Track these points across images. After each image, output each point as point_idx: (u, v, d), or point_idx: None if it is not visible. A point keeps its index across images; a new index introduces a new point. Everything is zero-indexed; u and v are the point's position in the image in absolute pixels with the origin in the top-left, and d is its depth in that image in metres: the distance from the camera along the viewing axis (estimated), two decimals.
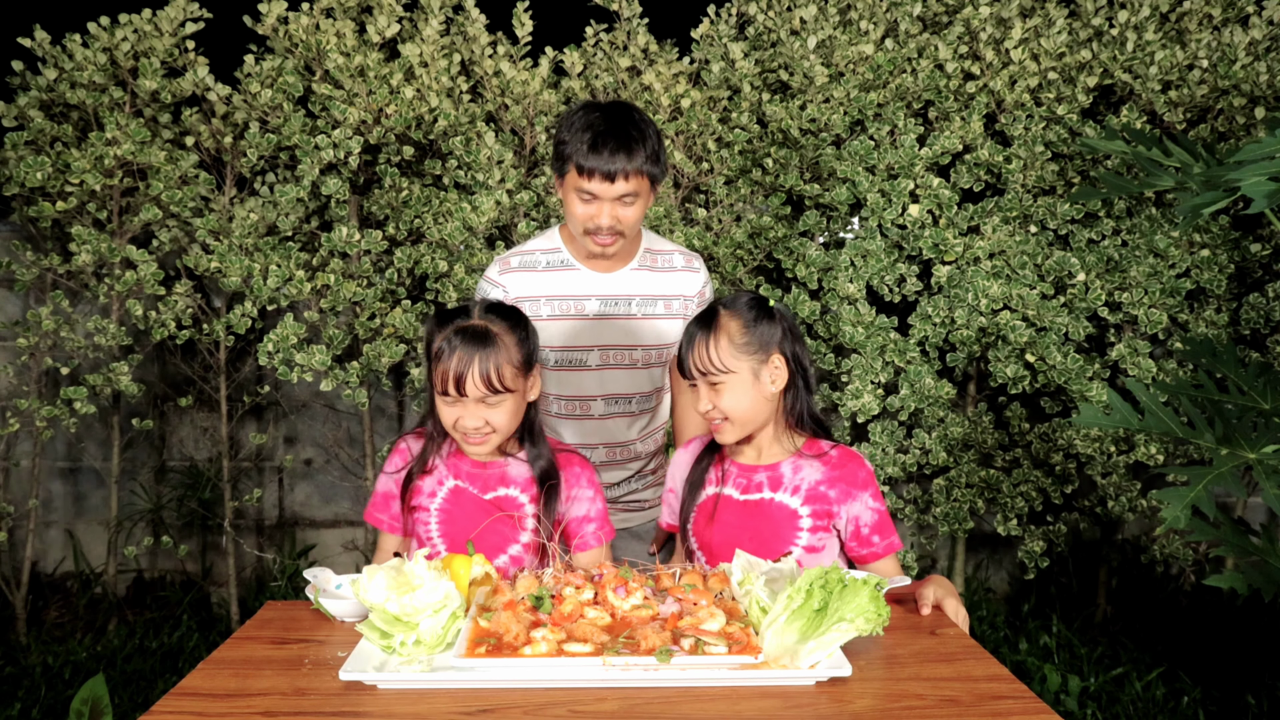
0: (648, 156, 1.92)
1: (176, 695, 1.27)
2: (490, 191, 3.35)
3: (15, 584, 3.53)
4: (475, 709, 1.22)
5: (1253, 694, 3.03)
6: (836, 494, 1.77)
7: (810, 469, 1.79)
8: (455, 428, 1.73)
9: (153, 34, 3.33)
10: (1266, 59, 3.30)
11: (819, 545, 1.78)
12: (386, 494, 1.87)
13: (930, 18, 3.60)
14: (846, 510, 1.77)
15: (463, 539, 1.77)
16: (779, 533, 1.77)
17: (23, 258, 3.40)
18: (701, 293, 2.17)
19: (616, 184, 1.91)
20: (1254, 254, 3.34)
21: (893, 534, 1.79)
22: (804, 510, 1.77)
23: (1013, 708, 1.24)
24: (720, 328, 1.73)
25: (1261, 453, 2.03)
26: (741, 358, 1.73)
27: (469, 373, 1.68)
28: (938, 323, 3.42)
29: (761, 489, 1.79)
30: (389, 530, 1.87)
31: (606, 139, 1.90)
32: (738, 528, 1.78)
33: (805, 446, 1.82)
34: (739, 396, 1.73)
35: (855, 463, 1.80)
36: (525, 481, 1.82)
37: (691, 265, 2.16)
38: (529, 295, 2.07)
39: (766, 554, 1.71)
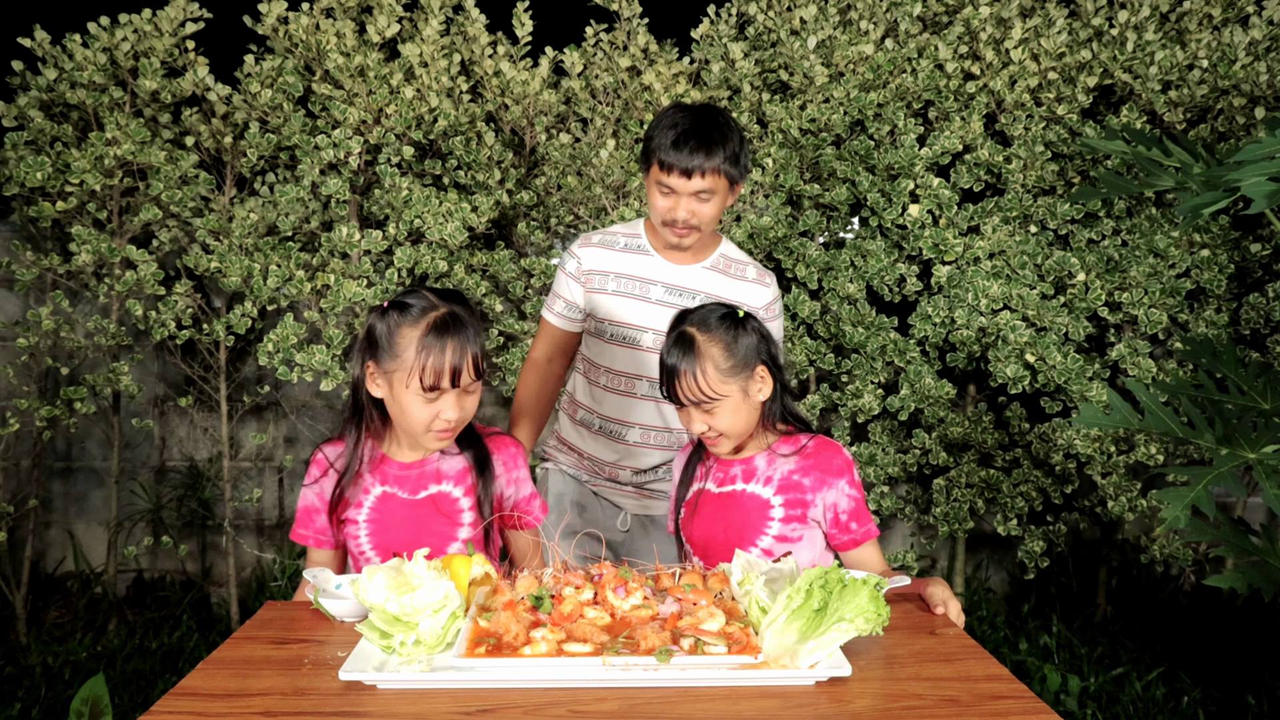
0: (726, 158, 2.00)
1: (176, 695, 1.27)
2: (490, 191, 3.35)
3: (15, 584, 3.53)
4: (475, 709, 1.22)
5: (1253, 694, 3.03)
6: (811, 482, 1.77)
7: (785, 460, 1.79)
8: (430, 426, 1.66)
9: (153, 34, 3.33)
10: (1266, 59, 3.30)
11: (793, 536, 1.78)
12: (309, 509, 1.77)
13: (930, 18, 3.60)
14: (823, 498, 1.77)
15: (396, 547, 1.71)
16: (750, 523, 1.78)
17: (23, 258, 3.40)
18: (772, 308, 2.19)
19: (694, 180, 2.00)
20: (1254, 254, 3.34)
21: (869, 520, 1.79)
22: (776, 500, 1.78)
23: (1013, 708, 1.24)
24: (703, 355, 1.72)
25: (1261, 453, 2.03)
26: (730, 381, 1.73)
27: (464, 363, 1.63)
28: (938, 323, 3.42)
29: (735, 481, 1.81)
30: (317, 545, 1.78)
31: (688, 138, 1.99)
32: (714, 520, 1.81)
33: (782, 439, 1.82)
34: (734, 417, 1.75)
35: (830, 451, 1.79)
36: (458, 474, 1.76)
37: (763, 280, 2.20)
38: (599, 269, 2.17)
39: (740, 544, 1.77)
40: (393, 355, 1.63)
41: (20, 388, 3.54)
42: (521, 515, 1.82)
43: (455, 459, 1.77)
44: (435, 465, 1.76)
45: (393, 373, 1.64)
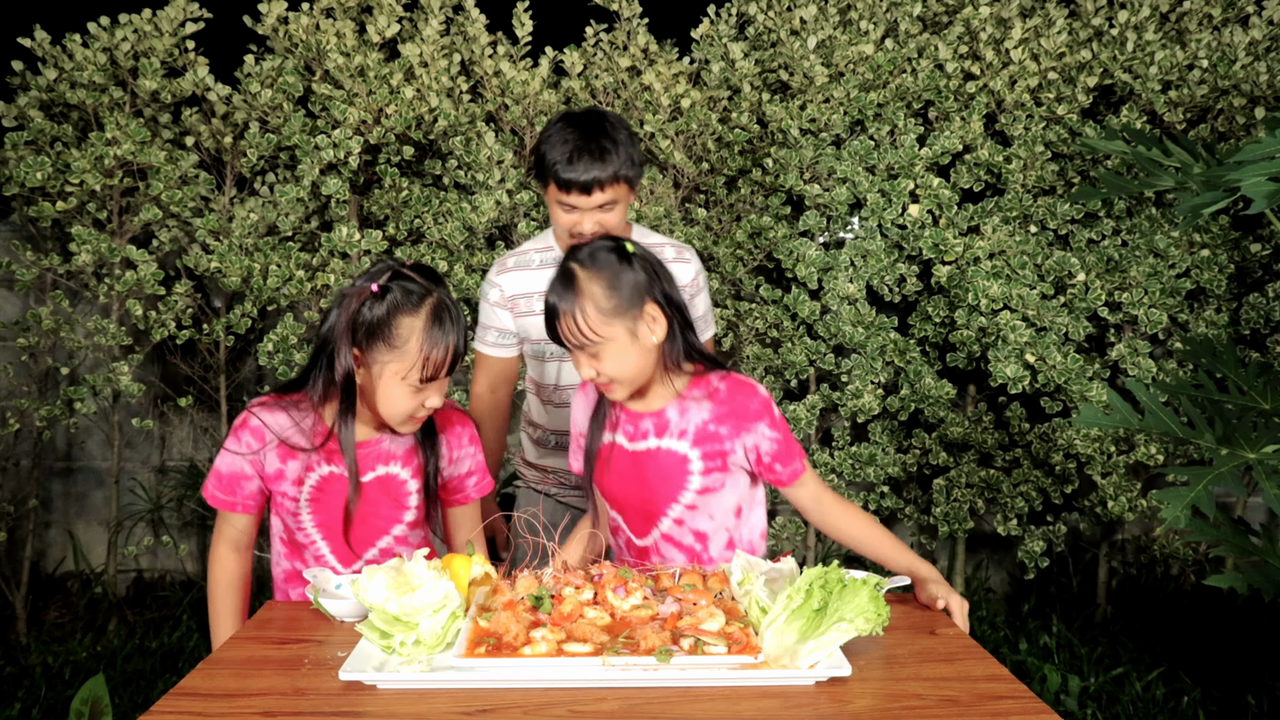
0: (622, 163, 1.97)
1: (176, 695, 1.27)
2: (490, 191, 3.35)
3: (15, 584, 3.53)
4: (475, 709, 1.22)
5: (1253, 694, 3.03)
6: (728, 430, 1.68)
7: (698, 409, 1.69)
8: (412, 414, 1.61)
9: (153, 34, 3.33)
10: (1266, 59, 3.30)
11: (715, 486, 1.71)
12: (237, 474, 1.66)
13: (930, 18, 3.60)
14: (741, 444, 1.69)
15: (340, 527, 1.68)
16: (669, 480, 1.71)
17: (23, 258, 3.40)
18: (695, 281, 2.18)
19: (594, 195, 1.96)
20: (1254, 254, 3.34)
21: (795, 459, 1.69)
22: (694, 454, 1.69)
23: (1012, 708, 1.24)
24: (582, 293, 1.59)
25: (1261, 453, 2.03)
26: (613, 321, 1.60)
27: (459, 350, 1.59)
28: (938, 323, 3.42)
29: (648, 436, 1.71)
30: (243, 511, 1.68)
31: (580, 154, 1.94)
32: (630, 478, 1.73)
33: (692, 384, 1.71)
34: (621, 360, 1.62)
35: (745, 393, 1.68)
36: (405, 454, 1.71)
37: (682, 256, 2.18)
38: (523, 292, 2.13)
39: (660, 503, 1.72)
40: (391, 346, 1.57)
41: (20, 388, 3.54)
42: (454, 491, 1.79)
43: (403, 439, 1.71)
44: (383, 446, 1.69)
45: (388, 363, 1.58)
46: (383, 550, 1.72)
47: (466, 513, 1.83)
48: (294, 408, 1.66)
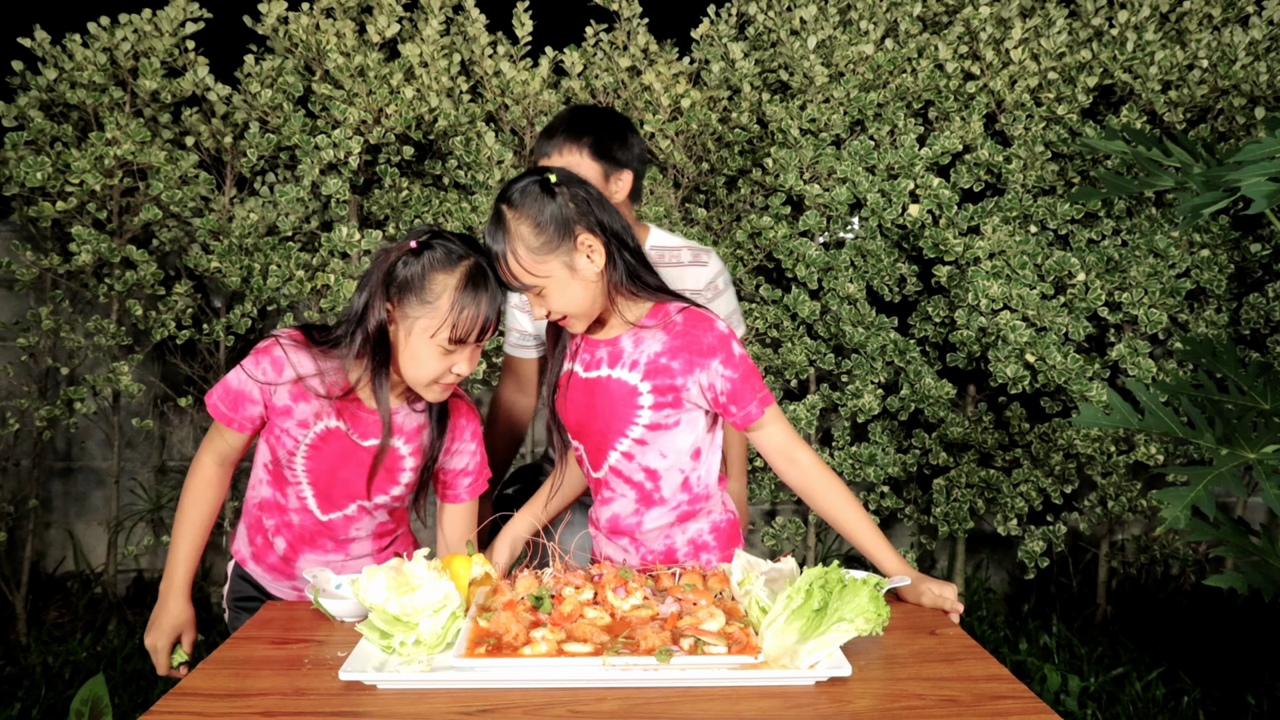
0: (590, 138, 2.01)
1: (176, 695, 1.27)
2: (490, 191, 3.35)
3: (15, 584, 3.53)
4: (475, 709, 1.22)
5: (1253, 694, 3.03)
6: (680, 365, 1.63)
7: (652, 340, 1.65)
8: (439, 378, 1.59)
9: (153, 34, 3.33)
10: (1266, 59, 3.30)
11: (667, 422, 1.66)
12: (244, 395, 1.65)
13: (930, 18, 3.60)
14: (695, 381, 1.64)
15: (329, 481, 1.69)
16: (618, 411, 1.66)
17: (23, 258, 3.40)
18: (714, 284, 2.17)
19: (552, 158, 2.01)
20: (1254, 254, 3.34)
21: (751, 400, 1.63)
22: (644, 386, 1.64)
23: (1013, 708, 1.24)
24: (511, 234, 1.56)
25: (1261, 453, 2.03)
26: (547, 259, 1.57)
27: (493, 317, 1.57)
28: (938, 323, 3.42)
29: (601, 365, 1.67)
30: (237, 429, 1.67)
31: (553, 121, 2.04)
32: (584, 406, 1.70)
33: (650, 313, 1.66)
34: (566, 295, 1.60)
35: (701, 327, 1.63)
36: (411, 431, 1.71)
37: (699, 259, 2.18)
38: None
39: (612, 434, 1.68)
40: (423, 301, 1.55)
41: (20, 388, 3.54)
42: (448, 486, 1.79)
43: (415, 416, 1.71)
44: (396, 419, 1.69)
45: (418, 319, 1.56)
46: (361, 508, 1.74)
47: (458, 512, 1.82)
48: (321, 355, 1.64)
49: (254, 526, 1.80)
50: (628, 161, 2.09)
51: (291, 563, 1.78)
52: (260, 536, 1.79)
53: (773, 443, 1.67)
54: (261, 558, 1.80)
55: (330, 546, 1.78)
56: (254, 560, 1.81)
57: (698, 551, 1.75)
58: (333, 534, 1.77)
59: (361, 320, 1.59)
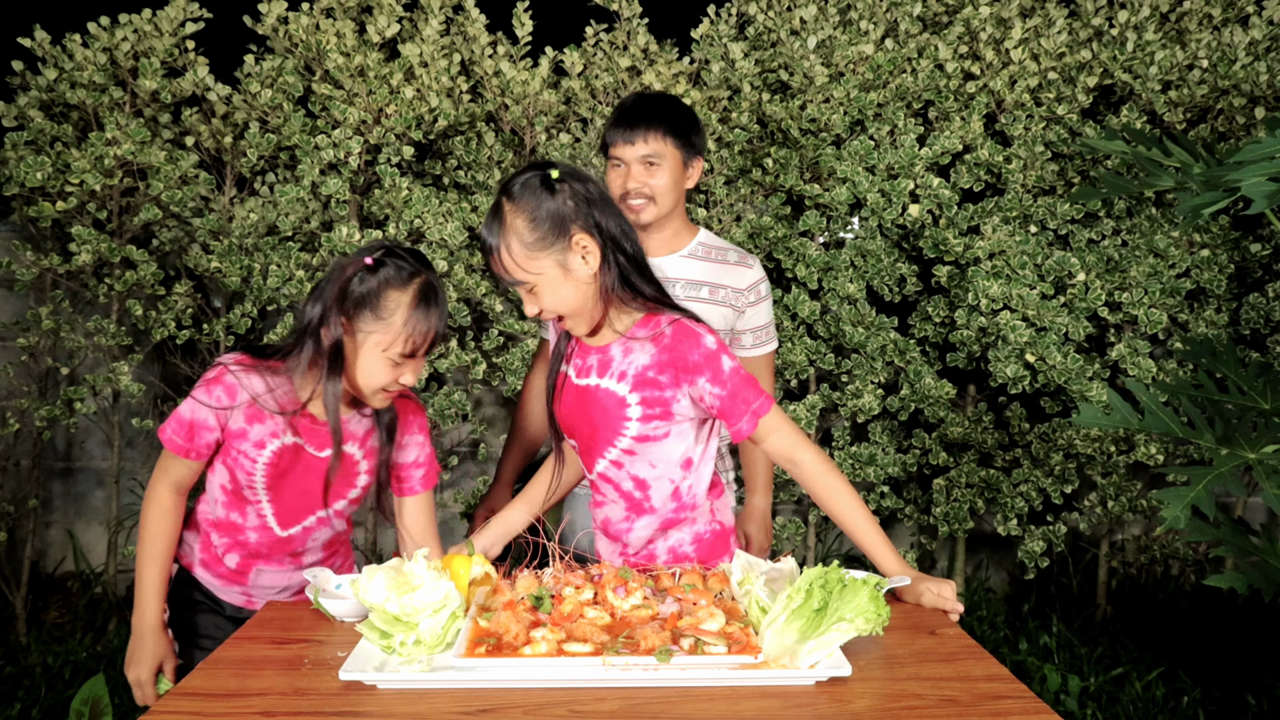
0: (669, 124, 2.06)
1: (176, 695, 1.27)
2: (490, 192, 3.35)
3: (15, 584, 3.53)
4: (475, 709, 1.22)
5: (1253, 694, 3.03)
6: (667, 379, 1.61)
7: (640, 351, 1.62)
8: (386, 387, 1.65)
9: (153, 34, 3.33)
10: (1266, 59, 3.30)
11: (656, 434, 1.64)
12: (200, 424, 1.68)
13: (930, 18, 3.60)
14: (684, 394, 1.62)
15: (291, 495, 1.74)
16: (607, 421, 1.65)
17: (23, 258, 3.40)
18: (757, 289, 2.20)
19: (637, 145, 2.05)
20: (1254, 254, 3.34)
21: (742, 416, 1.60)
22: (632, 399, 1.62)
23: (1013, 708, 1.24)
24: (507, 228, 1.55)
25: (1261, 453, 2.03)
26: (540, 255, 1.55)
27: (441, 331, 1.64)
28: (938, 323, 3.42)
29: (591, 373, 1.66)
30: (195, 459, 1.72)
31: (630, 108, 2.08)
32: (575, 411, 1.71)
33: (641, 323, 1.64)
34: (558, 294, 1.58)
35: (688, 343, 1.60)
36: (362, 436, 1.77)
37: (745, 262, 2.21)
38: None
39: (601, 441, 1.67)
40: (377, 317, 1.61)
41: (20, 388, 3.54)
42: (401, 481, 1.84)
43: (363, 420, 1.77)
44: (347, 425, 1.74)
45: (371, 334, 1.61)
46: (320, 519, 1.80)
47: (415, 504, 1.86)
48: (270, 373, 1.68)
49: (205, 541, 1.83)
50: (701, 149, 2.15)
51: (245, 574, 1.82)
52: (213, 549, 1.82)
53: (775, 449, 1.66)
54: (211, 566, 1.83)
55: (286, 560, 1.83)
56: (203, 567, 1.84)
57: (677, 560, 1.73)
58: (290, 548, 1.81)
59: (315, 333, 1.63)
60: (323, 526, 1.81)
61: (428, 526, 1.86)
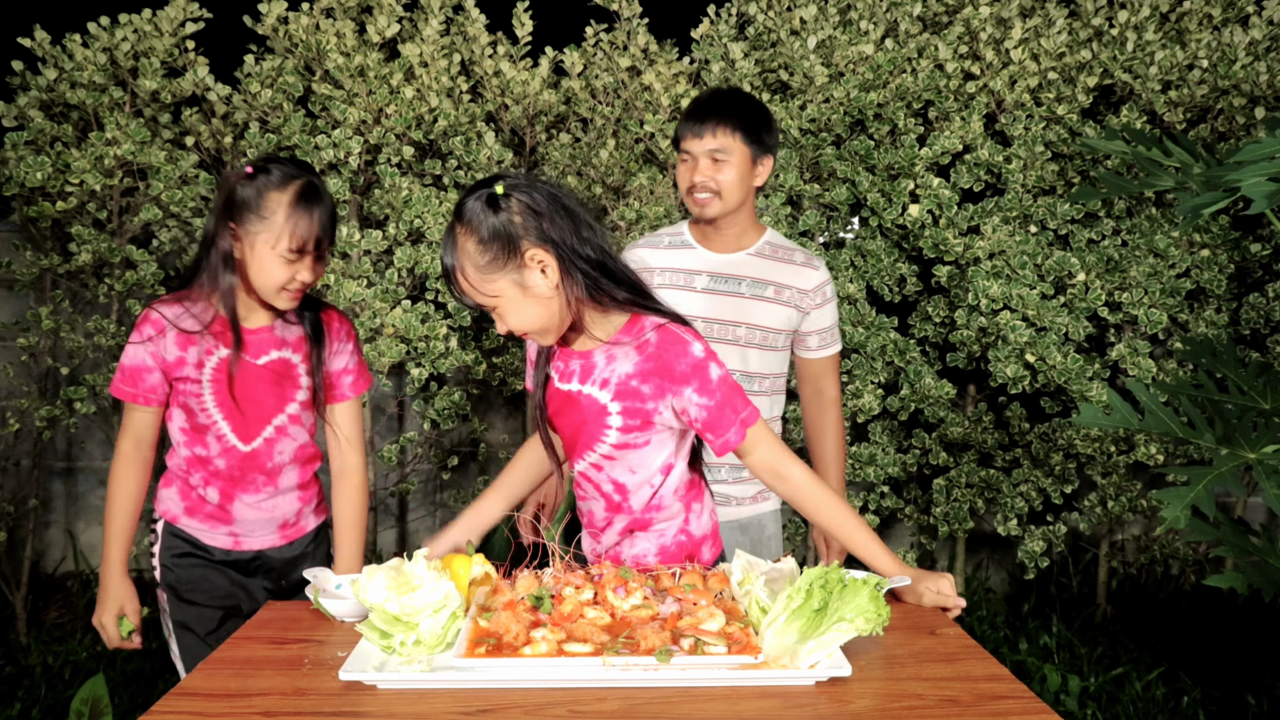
0: (739, 121, 2.07)
1: (176, 695, 1.27)
2: None
3: (15, 584, 3.53)
4: (475, 709, 1.22)
5: (1253, 694, 3.03)
6: (650, 390, 1.56)
7: (624, 359, 1.58)
8: (285, 286, 1.77)
9: (153, 34, 3.33)
10: (1266, 59, 3.30)
11: (636, 443, 1.61)
12: (139, 367, 1.83)
13: (930, 18, 3.60)
14: (666, 406, 1.57)
15: (242, 407, 1.85)
16: (588, 427, 1.63)
17: (23, 258, 3.40)
18: (823, 291, 2.21)
19: (705, 139, 2.07)
20: (1254, 254, 3.34)
21: (730, 427, 1.55)
22: (614, 407, 1.59)
23: (1013, 708, 1.24)
24: (460, 250, 1.50)
25: (1261, 453, 2.03)
26: (495, 277, 1.49)
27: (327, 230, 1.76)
28: (938, 323, 3.42)
29: (573, 379, 1.63)
30: (144, 403, 1.86)
31: (702, 103, 2.10)
32: (559, 415, 1.68)
33: (626, 328, 1.59)
34: (522, 313, 1.53)
35: (674, 352, 1.55)
36: (296, 342, 1.90)
37: (812, 264, 2.22)
38: (645, 267, 2.22)
39: (583, 446, 1.65)
40: (260, 218, 1.73)
41: (20, 388, 3.54)
42: (332, 387, 1.95)
43: (294, 327, 1.89)
44: (279, 333, 1.88)
45: (258, 234, 1.74)
46: (278, 428, 1.90)
47: (345, 409, 1.98)
48: (188, 300, 1.83)
49: (183, 486, 1.94)
50: (772, 147, 2.16)
51: (227, 509, 1.92)
52: (193, 492, 1.93)
53: (761, 464, 1.62)
54: (197, 510, 1.94)
55: (261, 481, 1.92)
56: (187, 515, 1.95)
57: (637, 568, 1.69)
58: (259, 464, 1.90)
59: (213, 245, 1.78)
60: (283, 437, 1.91)
61: (352, 433, 1.99)
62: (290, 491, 1.96)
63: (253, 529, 1.94)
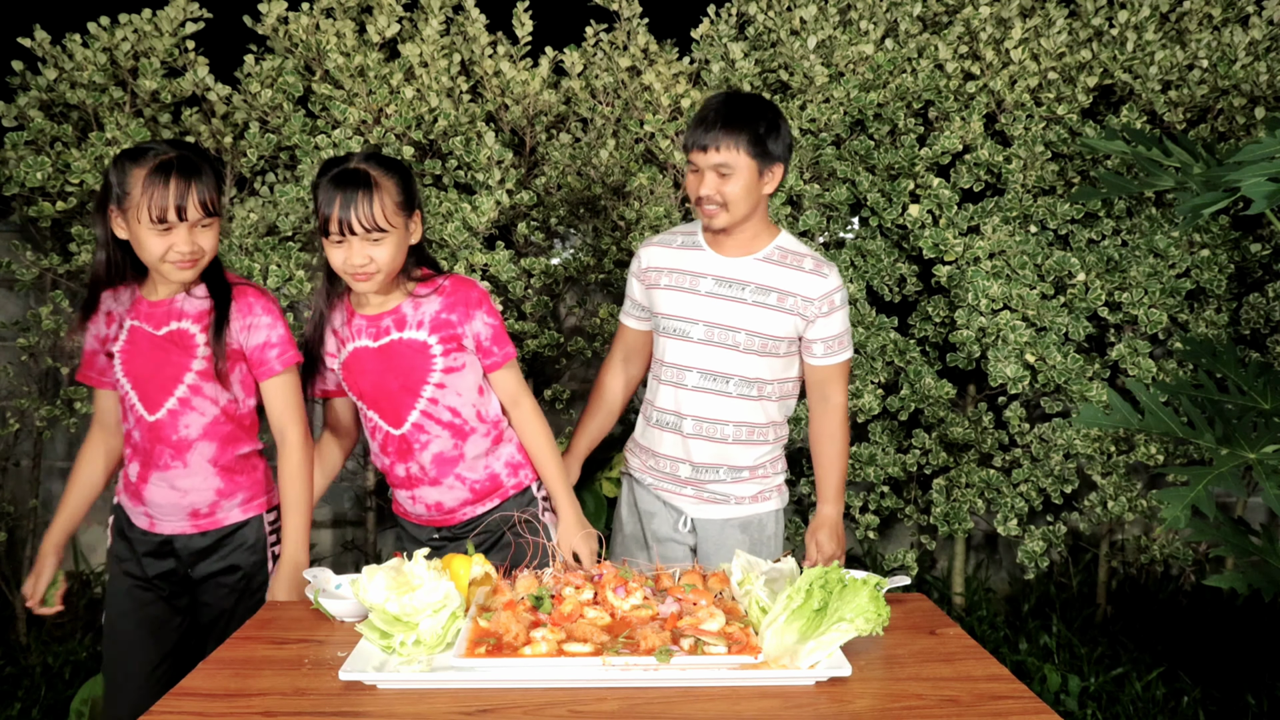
0: (745, 135, 2.08)
1: (176, 695, 1.27)
2: (490, 191, 3.35)
3: (15, 584, 3.53)
4: (475, 709, 1.22)
5: (1253, 694, 3.03)
6: (457, 317, 1.98)
7: (429, 302, 1.99)
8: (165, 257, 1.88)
9: (153, 34, 3.33)
10: (1266, 59, 3.30)
11: (456, 365, 2.01)
12: (90, 350, 2.04)
13: (930, 18, 3.60)
14: (469, 329, 1.99)
15: (144, 376, 1.98)
16: (415, 366, 1.98)
17: (23, 258, 3.40)
18: (830, 299, 2.19)
19: (709, 154, 2.08)
20: (1254, 254, 3.34)
21: (507, 344, 2.03)
22: (433, 339, 1.98)
23: (1013, 708, 1.24)
24: (381, 187, 1.90)
25: (1261, 453, 2.03)
26: (401, 214, 1.93)
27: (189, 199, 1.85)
28: (938, 323, 3.42)
29: (390, 332, 1.98)
30: (99, 385, 2.08)
31: (708, 114, 2.10)
32: (381, 372, 1.99)
33: (421, 285, 2.00)
34: (394, 251, 1.92)
35: (466, 287, 2.01)
36: (198, 314, 1.98)
37: (820, 270, 2.20)
38: (655, 266, 2.28)
39: (411, 389, 1.99)
40: (125, 194, 1.86)
41: (20, 388, 3.54)
42: (257, 364, 2.00)
43: (199, 301, 1.98)
44: (179, 305, 1.98)
45: (127, 210, 1.86)
46: (180, 399, 1.98)
47: (275, 384, 2.02)
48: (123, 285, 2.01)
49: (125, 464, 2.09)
50: (780, 154, 2.15)
51: (141, 489, 2.02)
52: (125, 469, 2.08)
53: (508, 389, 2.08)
54: (126, 486, 2.07)
55: (169, 456, 1.98)
56: (123, 492, 2.09)
57: (516, 470, 2.10)
58: (165, 436, 1.98)
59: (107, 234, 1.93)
60: (187, 409, 1.98)
61: (285, 408, 2.03)
62: (203, 474, 1.99)
63: (164, 512, 2.01)
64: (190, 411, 1.98)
